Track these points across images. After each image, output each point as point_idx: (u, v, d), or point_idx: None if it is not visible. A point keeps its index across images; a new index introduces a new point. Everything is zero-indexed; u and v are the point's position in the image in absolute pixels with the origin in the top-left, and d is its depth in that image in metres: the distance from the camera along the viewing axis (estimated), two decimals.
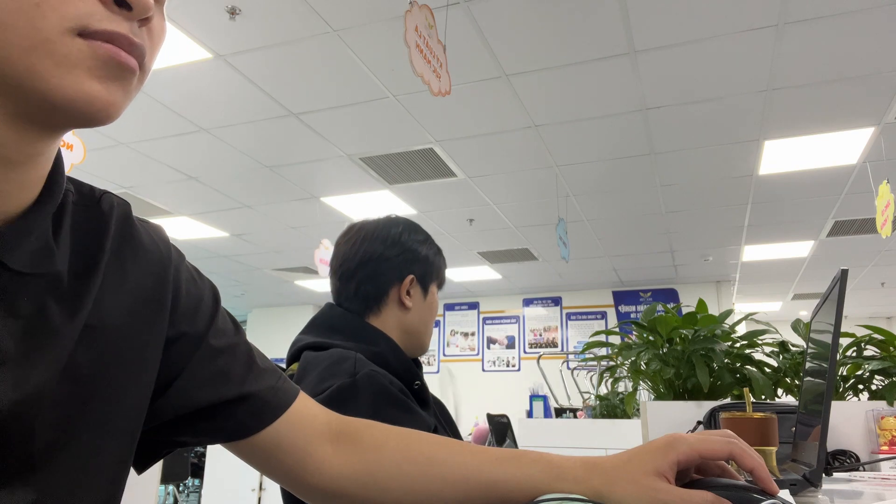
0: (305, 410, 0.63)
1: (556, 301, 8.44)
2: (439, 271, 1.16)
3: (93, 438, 0.46)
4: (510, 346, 8.56)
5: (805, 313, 9.33)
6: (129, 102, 0.42)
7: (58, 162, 0.45)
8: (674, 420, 1.69)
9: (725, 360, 1.76)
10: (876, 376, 1.71)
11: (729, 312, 1.89)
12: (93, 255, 0.47)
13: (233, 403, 0.57)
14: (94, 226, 0.49)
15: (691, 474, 0.54)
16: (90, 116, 0.39)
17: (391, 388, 0.91)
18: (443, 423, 1.10)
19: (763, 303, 9.23)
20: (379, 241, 1.09)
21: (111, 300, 0.48)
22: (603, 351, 2.16)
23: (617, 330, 2.09)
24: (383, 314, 1.08)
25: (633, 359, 1.88)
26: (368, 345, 1.00)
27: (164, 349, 0.53)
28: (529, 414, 4.66)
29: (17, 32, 0.35)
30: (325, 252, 4.79)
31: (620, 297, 8.09)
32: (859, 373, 1.74)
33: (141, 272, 0.51)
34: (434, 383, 8.58)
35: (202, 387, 0.55)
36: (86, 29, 0.37)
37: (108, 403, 0.47)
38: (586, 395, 4.71)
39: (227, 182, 4.73)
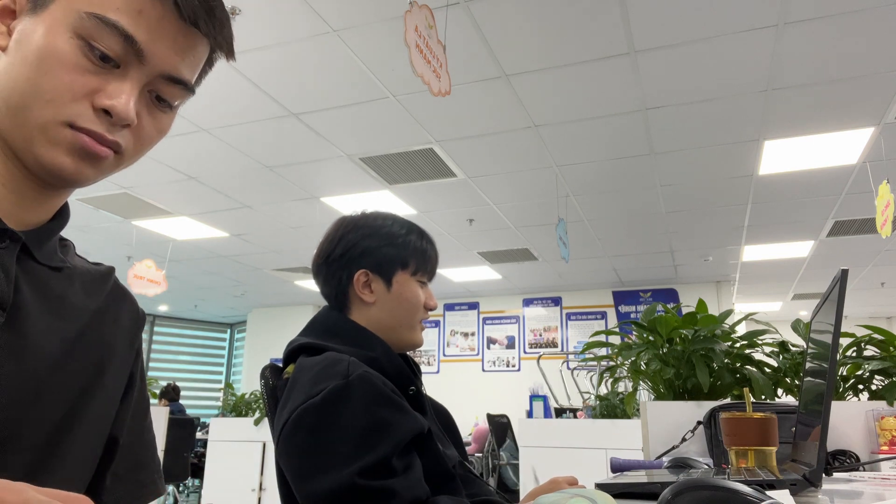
0: None
1: (556, 301, 8.44)
2: (403, 259, 1.09)
3: (82, 427, 0.58)
4: (510, 346, 8.56)
5: (805, 313, 9.32)
6: (105, 175, 0.58)
7: (65, 204, 0.63)
8: (674, 420, 1.69)
9: (725, 360, 1.76)
10: (876, 376, 1.71)
11: (729, 312, 1.89)
12: (95, 292, 0.64)
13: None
14: (97, 277, 0.66)
15: None
16: (64, 180, 0.57)
17: (384, 388, 0.92)
18: (440, 429, 1.10)
19: (763, 303, 9.23)
20: (327, 242, 1.12)
21: (106, 327, 0.63)
22: (603, 351, 2.16)
23: (617, 330, 2.09)
24: (353, 312, 1.09)
25: (633, 359, 1.88)
26: (363, 349, 1.01)
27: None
28: (529, 414, 4.65)
29: (32, 116, 0.54)
30: None
31: (620, 297, 8.09)
32: (859, 373, 1.74)
33: (127, 320, 0.67)
34: (434, 384, 8.58)
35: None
36: (74, 123, 0.55)
37: (94, 400, 0.59)
38: (586, 395, 4.71)
39: (227, 182, 4.73)
